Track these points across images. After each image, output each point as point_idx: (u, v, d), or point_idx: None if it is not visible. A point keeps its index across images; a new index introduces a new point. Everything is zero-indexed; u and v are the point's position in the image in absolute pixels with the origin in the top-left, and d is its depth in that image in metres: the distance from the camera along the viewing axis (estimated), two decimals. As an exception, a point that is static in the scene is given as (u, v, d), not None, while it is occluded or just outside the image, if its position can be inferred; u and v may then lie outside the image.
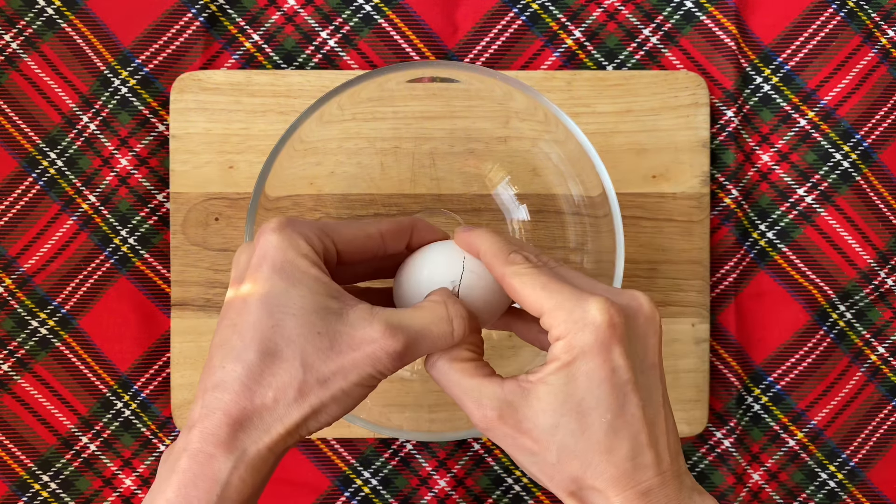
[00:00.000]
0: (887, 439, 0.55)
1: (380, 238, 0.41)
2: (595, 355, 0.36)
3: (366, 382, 0.37)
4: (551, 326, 0.37)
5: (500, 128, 0.50)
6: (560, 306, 0.37)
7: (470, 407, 0.37)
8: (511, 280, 0.38)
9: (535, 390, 0.37)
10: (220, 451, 0.35)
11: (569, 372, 0.36)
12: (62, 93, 0.54)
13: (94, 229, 0.54)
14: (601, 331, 0.36)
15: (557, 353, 0.37)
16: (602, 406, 0.36)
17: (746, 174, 0.54)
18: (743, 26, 0.55)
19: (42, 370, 0.54)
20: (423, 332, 0.37)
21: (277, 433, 0.35)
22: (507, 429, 0.37)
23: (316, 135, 0.48)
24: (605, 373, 0.36)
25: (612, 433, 0.36)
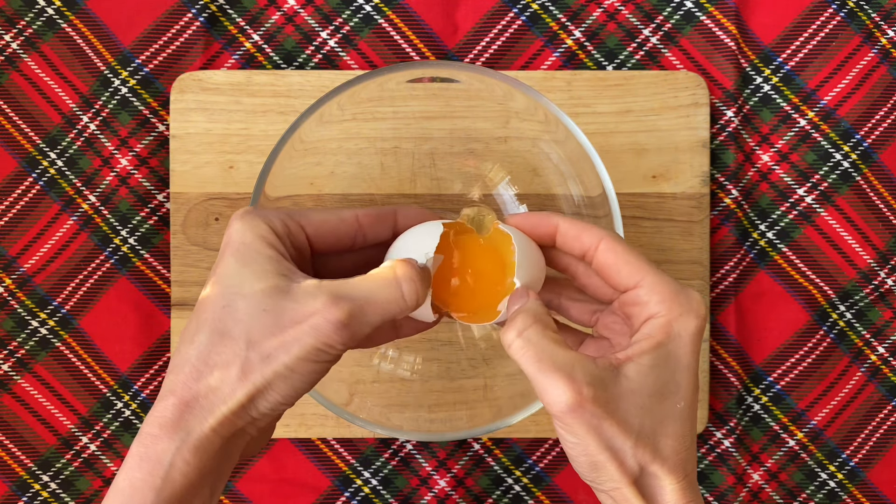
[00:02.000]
0: (887, 439, 0.55)
1: (355, 222, 0.40)
2: (689, 342, 0.36)
3: (311, 356, 0.35)
4: (649, 301, 0.37)
5: (500, 128, 0.50)
6: (664, 284, 0.37)
7: (559, 382, 0.35)
8: (613, 244, 0.38)
9: (625, 369, 0.36)
10: (165, 433, 0.34)
11: (661, 353, 0.36)
12: (62, 93, 0.54)
13: (94, 229, 0.54)
14: (701, 320, 0.37)
15: (652, 331, 0.37)
16: (680, 393, 0.36)
17: (746, 174, 0.54)
18: (743, 26, 0.55)
19: (42, 370, 0.54)
20: (369, 298, 0.36)
21: (222, 413, 0.35)
22: (596, 409, 0.35)
23: (316, 135, 0.48)
24: (690, 360, 0.36)
25: (683, 421, 0.36)
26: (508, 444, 0.55)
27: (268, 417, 0.36)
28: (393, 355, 0.51)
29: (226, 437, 0.35)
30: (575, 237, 0.39)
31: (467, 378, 0.51)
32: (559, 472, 0.55)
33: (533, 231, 0.41)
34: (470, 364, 0.51)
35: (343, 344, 0.35)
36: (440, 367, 0.51)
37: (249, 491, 0.54)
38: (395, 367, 0.51)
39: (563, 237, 0.40)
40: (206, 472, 0.35)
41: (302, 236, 0.38)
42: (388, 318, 0.36)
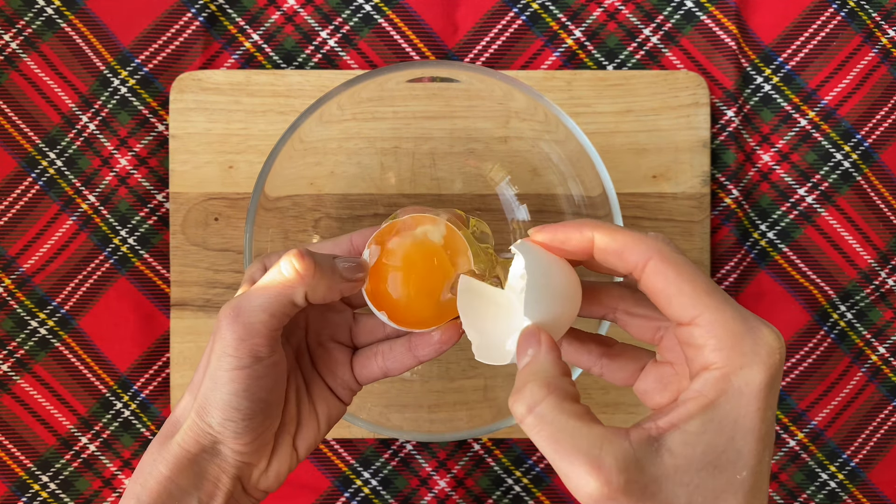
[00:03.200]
0: (888, 440, 0.55)
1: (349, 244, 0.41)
2: (754, 400, 0.29)
3: (224, 365, 0.35)
4: (704, 346, 0.30)
5: (500, 128, 0.50)
6: (725, 325, 0.30)
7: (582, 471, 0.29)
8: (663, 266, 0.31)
9: (668, 441, 0.29)
10: (153, 447, 0.37)
11: (713, 416, 0.29)
12: (62, 93, 0.54)
13: (93, 229, 0.54)
14: (772, 371, 0.30)
15: (703, 388, 0.30)
16: (741, 461, 0.30)
17: (747, 174, 0.54)
18: (743, 26, 0.55)
19: (41, 370, 0.54)
20: (253, 287, 0.36)
21: (184, 431, 0.37)
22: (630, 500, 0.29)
23: (316, 135, 0.48)
24: (756, 422, 0.30)
25: (746, 494, 0.30)
26: (508, 445, 0.54)
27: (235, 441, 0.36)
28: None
29: (193, 453, 0.36)
30: (616, 253, 0.32)
31: (467, 378, 0.51)
32: (559, 472, 0.54)
33: (563, 247, 0.34)
34: (470, 364, 0.51)
35: (238, 338, 0.35)
36: (440, 368, 0.51)
37: (249, 491, 0.54)
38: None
39: (602, 253, 0.33)
40: (178, 483, 0.36)
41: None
42: (276, 298, 0.35)
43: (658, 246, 0.32)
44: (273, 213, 0.48)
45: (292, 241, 0.50)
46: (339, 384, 0.41)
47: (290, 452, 0.39)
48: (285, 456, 0.39)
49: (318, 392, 0.41)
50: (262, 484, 0.39)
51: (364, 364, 0.41)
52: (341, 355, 0.41)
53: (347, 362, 0.41)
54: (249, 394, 0.35)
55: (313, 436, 0.40)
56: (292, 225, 0.50)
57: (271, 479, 0.39)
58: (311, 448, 0.40)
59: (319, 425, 0.40)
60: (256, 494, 0.39)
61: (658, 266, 0.31)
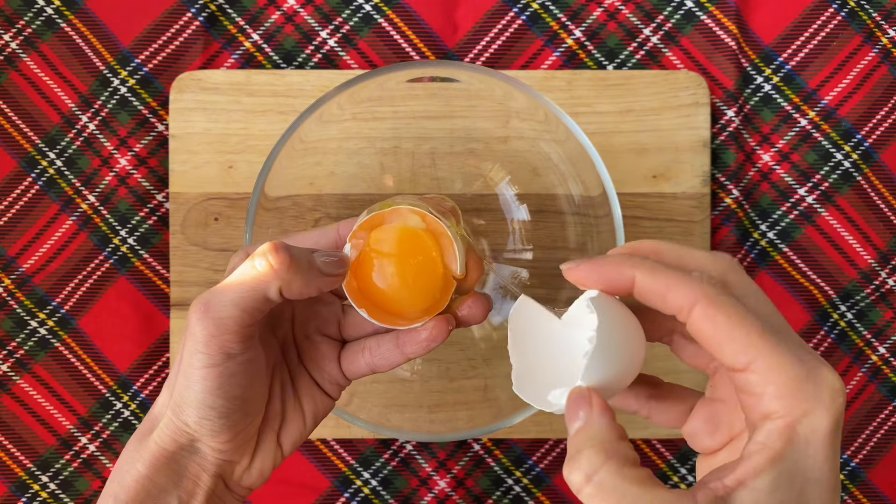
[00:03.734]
0: (888, 440, 0.55)
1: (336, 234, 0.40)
2: (821, 449, 0.28)
3: (195, 362, 0.34)
4: (763, 394, 0.29)
5: (500, 128, 0.50)
6: (782, 370, 0.28)
7: None
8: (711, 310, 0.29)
9: (737, 500, 0.28)
10: (131, 446, 0.37)
11: (782, 469, 0.28)
12: (61, 92, 0.54)
13: (93, 229, 0.54)
14: (835, 415, 0.28)
15: (768, 439, 0.28)
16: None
17: (747, 174, 0.54)
18: (744, 26, 0.55)
19: (41, 370, 0.54)
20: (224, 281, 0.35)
21: (160, 429, 0.36)
22: None
23: (316, 135, 0.48)
24: (825, 472, 0.28)
25: None
26: (509, 445, 0.54)
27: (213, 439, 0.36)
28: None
29: (171, 451, 0.36)
30: (659, 296, 0.30)
31: (467, 378, 0.51)
32: (559, 472, 0.55)
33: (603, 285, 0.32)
34: (470, 364, 0.51)
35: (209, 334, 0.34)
36: (440, 368, 0.51)
37: (249, 491, 0.54)
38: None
39: (643, 296, 0.31)
40: (157, 482, 0.36)
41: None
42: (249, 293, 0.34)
43: (704, 289, 0.29)
44: (273, 213, 0.48)
45: (292, 241, 0.50)
46: (327, 379, 0.40)
47: (275, 449, 0.38)
48: (269, 452, 0.38)
49: (304, 387, 0.40)
50: (245, 481, 0.38)
51: (352, 359, 0.40)
52: (329, 349, 0.40)
53: (335, 356, 0.40)
54: (224, 391, 0.34)
55: (299, 432, 0.39)
56: (292, 225, 0.50)
57: (255, 476, 0.38)
58: (296, 444, 0.39)
59: (305, 421, 0.39)
60: (240, 491, 0.38)
61: (706, 311, 0.29)
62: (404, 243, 0.38)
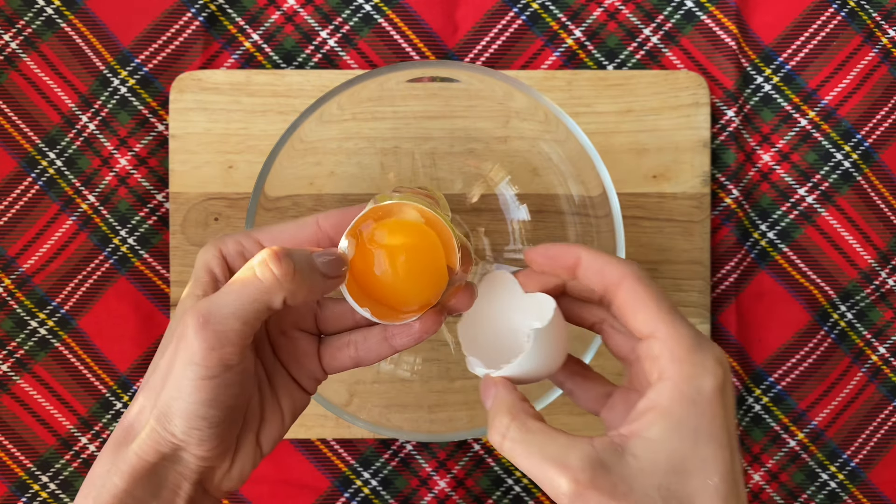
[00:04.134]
0: (888, 440, 0.55)
1: (316, 227, 0.38)
2: (709, 408, 0.32)
3: (190, 374, 0.33)
4: (660, 357, 0.33)
5: (500, 128, 0.50)
6: (679, 339, 0.33)
7: (553, 473, 0.32)
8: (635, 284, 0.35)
9: (631, 446, 0.32)
10: (104, 456, 0.35)
11: (671, 424, 0.32)
12: (61, 92, 0.54)
13: (93, 229, 0.54)
14: (718, 379, 0.32)
15: (658, 397, 0.33)
16: (708, 468, 0.32)
17: (747, 174, 0.54)
18: (744, 26, 0.55)
19: (41, 370, 0.54)
20: (226, 288, 0.34)
21: (141, 439, 0.34)
22: (600, 496, 0.31)
23: (316, 135, 0.48)
24: (715, 430, 0.32)
25: (719, 500, 0.32)
26: (508, 445, 0.54)
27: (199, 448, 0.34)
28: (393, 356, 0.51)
29: (152, 462, 0.34)
30: (597, 271, 0.36)
31: (467, 378, 0.50)
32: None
33: (555, 262, 0.37)
34: (470, 364, 0.51)
35: (208, 347, 0.33)
36: (440, 368, 0.51)
37: (249, 492, 0.54)
38: (395, 367, 0.51)
39: (585, 271, 0.36)
40: (135, 495, 0.34)
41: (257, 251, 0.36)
42: (251, 304, 0.33)
43: (633, 267, 0.35)
44: (273, 213, 0.48)
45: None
46: (305, 375, 0.39)
47: (254, 450, 0.37)
48: (249, 454, 0.37)
49: (282, 385, 0.38)
50: (225, 485, 0.37)
51: (334, 354, 0.39)
52: (307, 345, 0.39)
53: (314, 352, 0.39)
54: (217, 402, 0.33)
55: (277, 430, 0.38)
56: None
57: (234, 479, 0.37)
58: (275, 443, 0.38)
59: (284, 419, 0.38)
60: (218, 495, 0.37)
61: (630, 283, 0.35)
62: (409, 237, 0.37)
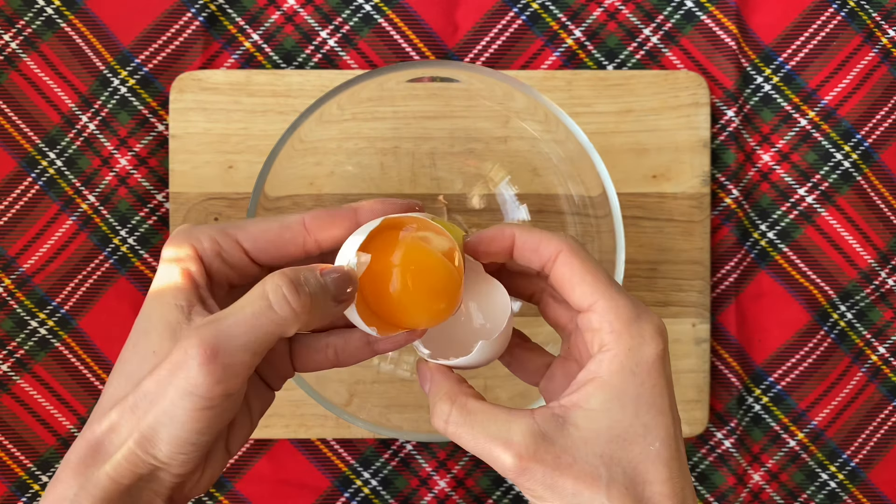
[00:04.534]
0: (888, 440, 0.55)
1: (302, 227, 0.36)
2: (648, 377, 0.33)
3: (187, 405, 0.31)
4: (600, 329, 0.33)
5: (500, 128, 0.50)
6: (618, 310, 0.33)
7: (498, 451, 0.32)
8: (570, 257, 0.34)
9: (572, 417, 0.32)
10: (67, 476, 0.32)
11: (610, 394, 0.32)
12: (61, 92, 0.54)
13: (93, 229, 0.54)
14: (658, 350, 0.33)
15: (598, 368, 0.33)
16: (650, 434, 0.32)
17: (747, 174, 0.54)
18: (744, 26, 0.55)
19: (41, 370, 0.54)
20: (236, 318, 0.31)
21: (116, 461, 0.32)
22: (544, 468, 0.32)
23: (316, 135, 0.48)
24: (655, 397, 0.33)
25: (665, 463, 0.32)
26: (508, 445, 0.54)
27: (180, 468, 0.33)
28: (393, 355, 0.51)
29: (127, 485, 0.32)
30: (532, 249, 0.36)
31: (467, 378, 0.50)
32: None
33: (490, 246, 0.37)
34: (470, 364, 0.51)
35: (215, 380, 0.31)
36: (440, 368, 0.51)
37: (248, 492, 0.54)
38: (395, 367, 0.51)
39: (520, 250, 0.36)
40: None
41: (237, 253, 0.35)
42: (264, 336, 0.32)
43: (568, 241, 0.35)
44: (273, 213, 0.48)
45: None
46: (276, 375, 0.37)
47: (223, 455, 0.36)
48: (219, 461, 0.35)
49: (251, 386, 0.36)
50: (192, 493, 0.35)
51: (310, 356, 0.37)
52: (280, 345, 0.37)
53: (286, 352, 0.37)
54: (210, 430, 0.32)
55: (246, 433, 0.36)
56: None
57: (203, 486, 0.35)
58: (243, 444, 0.37)
59: (252, 420, 0.37)
60: (184, 502, 0.35)
61: (566, 258, 0.35)
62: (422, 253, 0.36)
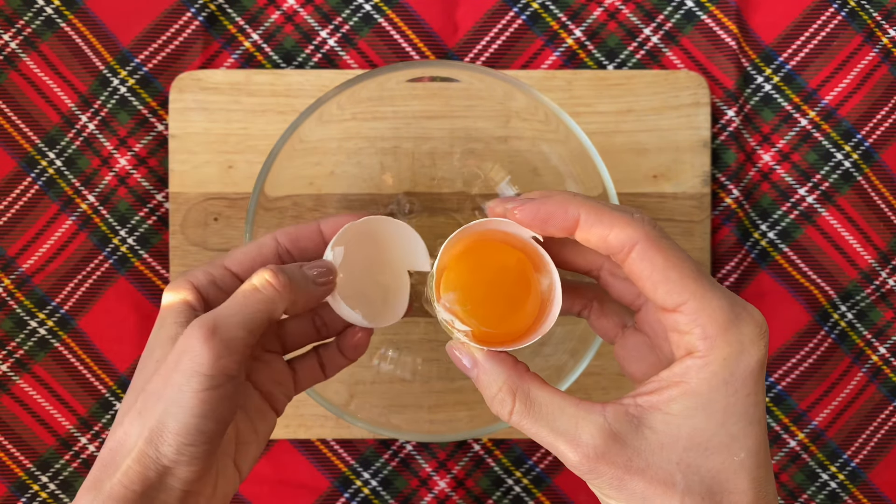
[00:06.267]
0: (888, 440, 0.55)
1: (275, 244, 0.39)
2: (743, 386, 0.30)
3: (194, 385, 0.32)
4: (690, 333, 0.30)
5: (500, 127, 0.50)
6: (712, 313, 0.30)
7: (564, 448, 0.31)
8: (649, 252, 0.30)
9: (649, 419, 0.30)
10: (83, 493, 0.33)
11: (696, 402, 0.30)
12: (61, 92, 0.54)
13: (92, 229, 0.54)
14: (758, 356, 0.30)
15: (686, 374, 0.30)
16: (736, 444, 0.30)
17: (747, 174, 0.54)
18: (744, 25, 0.55)
19: (41, 371, 0.54)
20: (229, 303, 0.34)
21: (127, 465, 0.33)
22: (614, 469, 0.30)
23: (316, 134, 0.48)
24: (747, 407, 0.30)
25: (748, 474, 0.30)
26: (509, 445, 0.54)
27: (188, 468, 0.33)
28: (393, 356, 0.51)
29: (139, 493, 0.33)
30: (602, 236, 0.31)
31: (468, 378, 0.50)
32: (560, 472, 0.54)
33: (546, 224, 0.33)
34: (470, 364, 0.51)
35: (216, 355, 0.32)
36: (440, 368, 0.51)
37: (249, 492, 0.54)
38: (395, 367, 0.51)
39: (586, 233, 0.32)
40: None
41: (228, 278, 0.38)
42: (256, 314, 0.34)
43: (646, 230, 0.31)
44: (273, 213, 0.48)
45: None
46: (282, 394, 0.40)
47: (234, 473, 0.37)
48: (230, 478, 0.36)
49: (256, 408, 0.39)
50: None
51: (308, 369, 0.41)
52: (283, 366, 0.40)
53: (289, 372, 0.40)
54: (216, 415, 0.33)
55: (254, 453, 0.38)
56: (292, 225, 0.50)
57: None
58: (253, 464, 0.38)
59: (259, 441, 0.38)
60: None
61: (646, 251, 0.31)
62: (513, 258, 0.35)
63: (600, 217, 0.31)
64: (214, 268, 0.38)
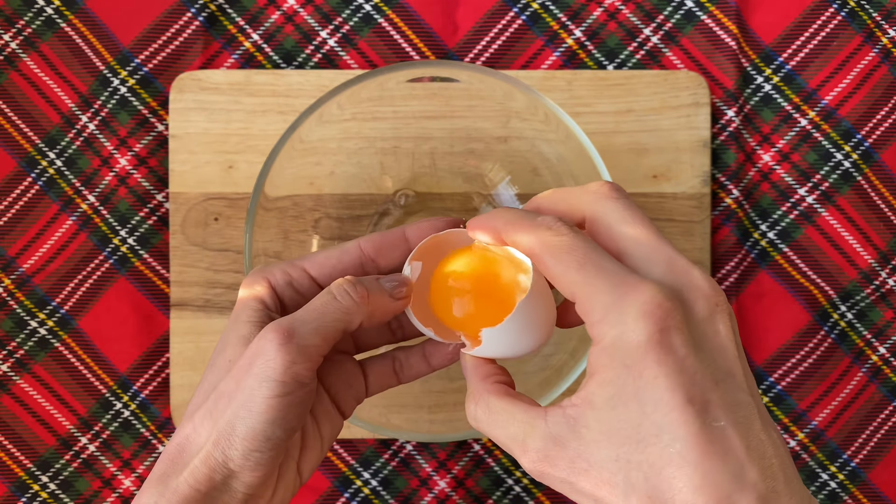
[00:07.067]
0: (889, 440, 0.55)
1: (358, 251, 0.39)
2: (644, 369, 0.28)
3: (265, 391, 0.32)
4: (586, 322, 0.30)
5: (500, 127, 0.50)
6: (595, 297, 0.30)
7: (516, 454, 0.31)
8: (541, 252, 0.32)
9: (584, 418, 0.29)
10: (148, 487, 0.34)
11: (611, 390, 0.29)
12: (61, 92, 0.54)
13: (93, 229, 0.54)
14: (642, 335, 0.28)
15: (596, 363, 0.30)
16: (666, 434, 0.28)
17: (747, 174, 0.54)
18: (744, 26, 0.55)
19: (41, 370, 0.54)
20: (306, 309, 0.35)
21: (194, 465, 0.33)
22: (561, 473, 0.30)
23: (316, 134, 0.48)
24: (660, 391, 0.28)
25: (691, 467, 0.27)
26: (509, 445, 0.54)
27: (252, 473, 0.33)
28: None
29: (203, 493, 0.33)
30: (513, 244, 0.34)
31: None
32: (559, 472, 0.54)
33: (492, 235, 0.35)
34: (470, 364, 0.51)
35: (290, 361, 0.33)
36: (440, 368, 0.51)
37: (249, 492, 0.54)
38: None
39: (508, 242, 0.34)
40: None
41: (306, 280, 0.38)
42: (332, 323, 0.34)
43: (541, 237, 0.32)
44: (273, 213, 0.48)
45: (292, 241, 0.50)
46: (352, 396, 0.39)
47: (295, 478, 0.37)
48: (289, 483, 0.36)
49: (323, 411, 0.38)
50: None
51: (381, 373, 0.40)
52: (354, 367, 0.39)
53: (360, 372, 0.39)
54: (285, 422, 0.33)
55: (317, 457, 0.38)
56: (292, 225, 0.50)
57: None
58: (314, 470, 0.38)
59: (323, 446, 0.38)
60: None
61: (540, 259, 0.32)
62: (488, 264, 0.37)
63: (506, 229, 0.33)
64: (293, 269, 0.38)
